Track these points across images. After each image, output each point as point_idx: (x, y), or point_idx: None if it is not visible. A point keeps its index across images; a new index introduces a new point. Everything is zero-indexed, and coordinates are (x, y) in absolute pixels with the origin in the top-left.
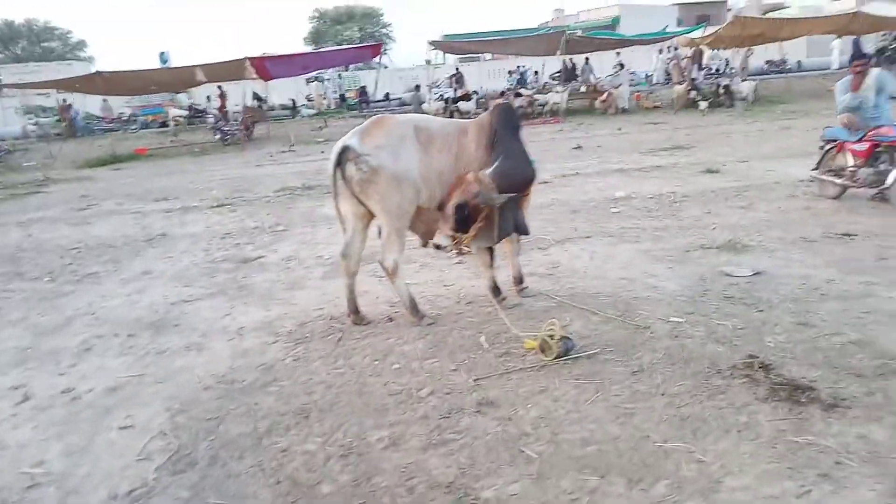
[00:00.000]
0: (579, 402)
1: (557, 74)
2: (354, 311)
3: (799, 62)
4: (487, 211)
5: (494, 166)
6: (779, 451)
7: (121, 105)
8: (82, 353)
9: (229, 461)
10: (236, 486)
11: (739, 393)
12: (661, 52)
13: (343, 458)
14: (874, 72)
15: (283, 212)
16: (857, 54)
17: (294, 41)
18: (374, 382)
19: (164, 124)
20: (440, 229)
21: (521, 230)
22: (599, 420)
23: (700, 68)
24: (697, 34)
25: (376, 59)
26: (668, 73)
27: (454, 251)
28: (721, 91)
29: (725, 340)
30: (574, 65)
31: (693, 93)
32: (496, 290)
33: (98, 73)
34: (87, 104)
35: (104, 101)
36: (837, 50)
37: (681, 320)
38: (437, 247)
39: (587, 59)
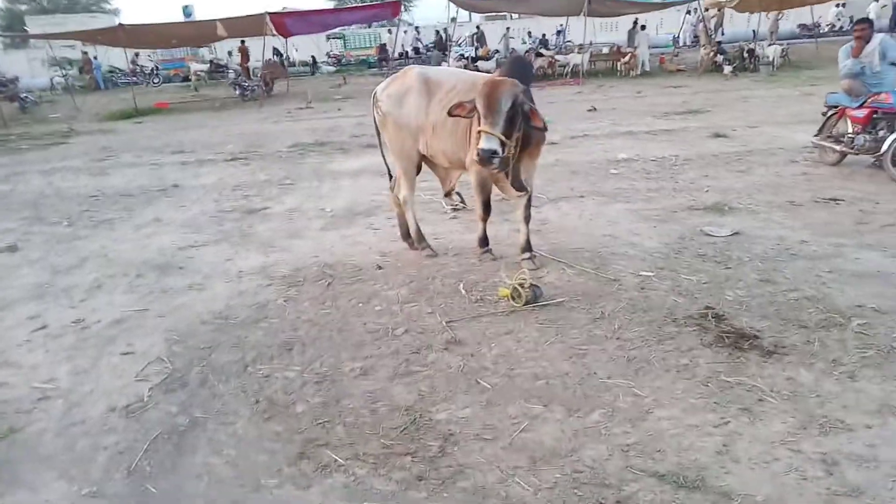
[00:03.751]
0: (539, 343)
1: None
2: (405, 235)
3: (832, 25)
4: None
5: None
6: (709, 389)
7: (143, 59)
8: (93, 290)
9: (216, 384)
10: (220, 404)
11: (687, 339)
12: (688, 13)
13: (318, 384)
14: (878, 37)
15: (293, 166)
16: (860, 19)
17: None
18: (355, 322)
19: (185, 79)
20: (484, 137)
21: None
22: (553, 359)
23: (720, 32)
24: None
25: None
26: (695, 36)
27: (502, 170)
28: (746, 55)
29: (687, 293)
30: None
31: (718, 57)
32: (484, 240)
33: (120, 25)
34: (112, 58)
35: (136, 55)
36: (874, 13)
37: (650, 274)
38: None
39: (636, 21)
